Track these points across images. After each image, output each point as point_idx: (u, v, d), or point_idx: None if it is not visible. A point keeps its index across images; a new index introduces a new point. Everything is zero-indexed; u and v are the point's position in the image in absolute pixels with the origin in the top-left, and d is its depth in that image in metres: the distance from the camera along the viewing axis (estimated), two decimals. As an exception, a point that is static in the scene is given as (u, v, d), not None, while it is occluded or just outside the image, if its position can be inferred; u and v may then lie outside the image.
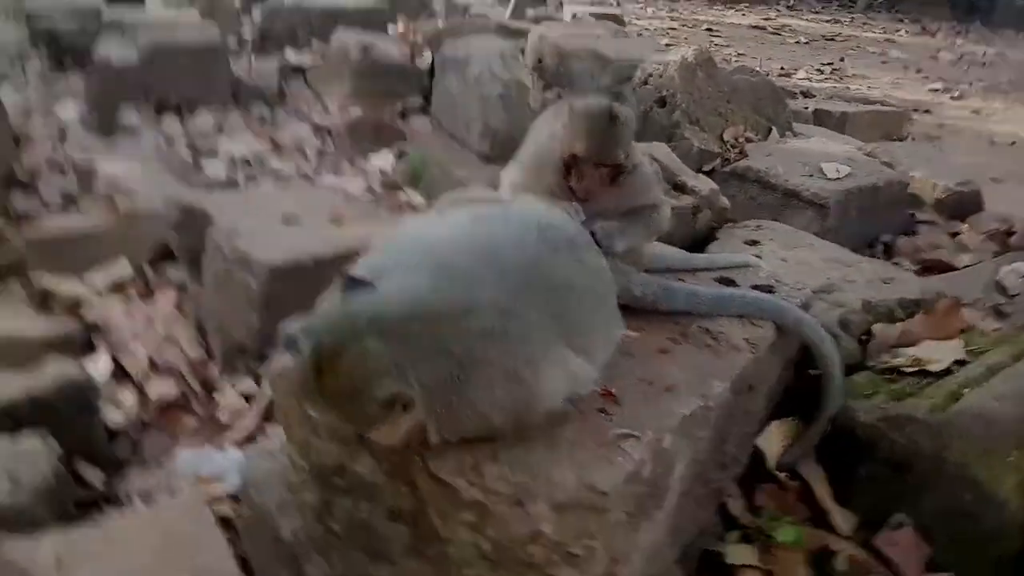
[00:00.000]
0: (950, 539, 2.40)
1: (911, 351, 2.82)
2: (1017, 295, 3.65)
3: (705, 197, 3.64)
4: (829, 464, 2.65)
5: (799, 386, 2.74)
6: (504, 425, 1.64)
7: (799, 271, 3.06)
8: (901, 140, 7.19)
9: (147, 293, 3.78)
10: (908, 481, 2.46)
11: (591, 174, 2.20)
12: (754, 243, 3.36)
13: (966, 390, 2.52)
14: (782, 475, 2.63)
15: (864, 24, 15.25)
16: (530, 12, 10.22)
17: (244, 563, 2.27)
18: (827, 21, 15.21)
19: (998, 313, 3.42)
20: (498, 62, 5.58)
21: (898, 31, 14.77)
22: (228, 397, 3.18)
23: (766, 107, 5.74)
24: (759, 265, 2.74)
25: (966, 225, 5.26)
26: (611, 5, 13.95)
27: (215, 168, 5.43)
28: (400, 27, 7.98)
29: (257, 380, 3.22)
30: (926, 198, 5.46)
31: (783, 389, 2.74)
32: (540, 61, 6.02)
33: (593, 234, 2.06)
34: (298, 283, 3.08)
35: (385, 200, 5.21)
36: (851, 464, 2.58)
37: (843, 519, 2.54)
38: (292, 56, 7.55)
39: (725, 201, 3.80)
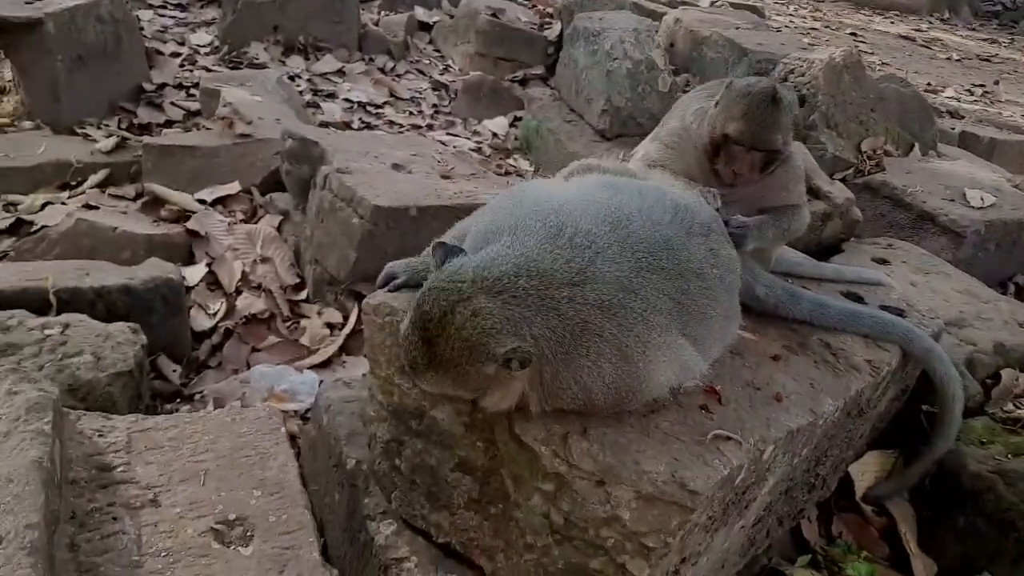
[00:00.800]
0: (1039, 613, 2.19)
1: (1041, 408, 2.57)
2: None
3: (839, 205, 3.43)
4: (920, 506, 2.46)
5: (908, 418, 2.55)
6: (604, 404, 1.55)
7: (931, 299, 2.84)
8: (1053, 177, 6.61)
9: (252, 214, 3.85)
10: (1007, 541, 2.25)
11: (742, 158, 2.06)
12: (883, 262, 3.14)
13: (1102, 456, 2.26)
14: (868, 508, 2.45)
15: (1024, 48, 14.14)
16: (667, -5, 9.93)
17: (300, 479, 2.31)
18: (983, 39, 14.17)
19: None
20: (632, 38, 5.40)
21: (1062, 60, 13.63)
22: (313, 323, 3.22)
23: (912, 122, 5.37)
24: (891, 285, 2.51)
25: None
26: (752, -3, 13.41)
27: (332, 109, 5.51)
28: (533, -2, 7.87)
29: (344, 312, 3.22)
30: (1072, 243, 5.03)
31: (891, 418, 2.54)
32: (672, 45, 5.81)
33: (727, 224, 1.94)
34: (399, 227, 3.09)
35: (493, 162, 5.14)
36: (947, 511, 2.38)
37: (924, 566, 2.35)
38: (421, 13, 7.57)
39: (858, 213, 3.58)
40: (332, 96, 5.76)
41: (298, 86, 5.69)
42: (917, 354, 2.21)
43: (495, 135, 5.77)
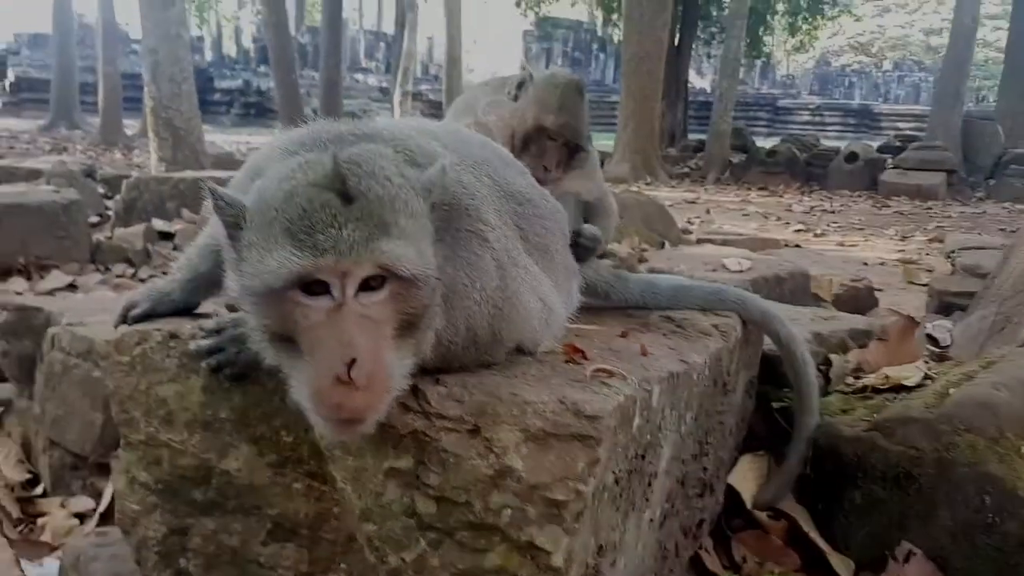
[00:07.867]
0: (970, 560, 1.96)
1: (879, 372, 2.54)
2: (948, 345, 3.63)
3: (624, 259, 3.45)
4: (811, 499, 2.22)
5: (764, 421, 2.38)
6: (483, 339, 1.21)
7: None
8: (782, 261, 7.44)
9: (-40, 421, 3.03)
10: (910, 498, 2.04)
11: (552, 152, 1.96)
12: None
13: (953, 389, 2.22)
14: (763, 515, 2.18)
15: (717, 192, 16.56)
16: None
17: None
18: (685, 191, 16.42)
19: (937, 360, 3.30)
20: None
21: (749, 194, 16.09)
22: (55, 517, 2.50)
23: (656, 223, 5.83)
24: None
25: (866, 318, 5.39)
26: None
27: (65, 319, 4.77)
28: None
29: (96, 494, 2.54)
30: (824, 295, 5.54)
31: (747, 424, 2.36)
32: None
33: (578, 234, 1.82)
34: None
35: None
36: (839, 492, 2.15)
37: (842, 563, 2.08)
38: (160, 224, 7.17)
39: (642, 269, 3.61)
40: (63, 307, 5.04)
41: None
42: (755, 317, 2.07)
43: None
